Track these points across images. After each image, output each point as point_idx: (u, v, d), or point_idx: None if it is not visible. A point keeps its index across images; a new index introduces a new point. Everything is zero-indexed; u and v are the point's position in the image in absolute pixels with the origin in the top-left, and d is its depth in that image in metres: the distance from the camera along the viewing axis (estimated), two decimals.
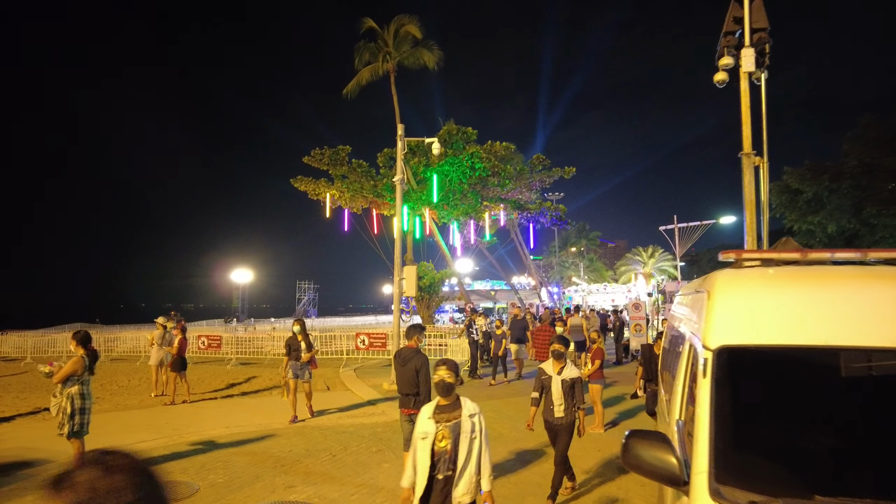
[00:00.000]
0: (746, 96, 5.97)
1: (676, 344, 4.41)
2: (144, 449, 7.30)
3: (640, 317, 17.47)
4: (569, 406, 5.61)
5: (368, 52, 26.38)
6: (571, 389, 5.59)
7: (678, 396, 3.18)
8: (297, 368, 9.35)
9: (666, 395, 4.20)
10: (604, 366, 9.21)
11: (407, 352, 5.98)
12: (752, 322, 2.54)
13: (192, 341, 19.30)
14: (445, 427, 3.71)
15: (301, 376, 9.38)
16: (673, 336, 4.88)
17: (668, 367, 4.79)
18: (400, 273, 12.59)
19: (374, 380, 13.62)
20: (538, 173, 25.43)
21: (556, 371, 5.66)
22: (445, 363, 3.85)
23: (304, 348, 9.41)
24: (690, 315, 3.74)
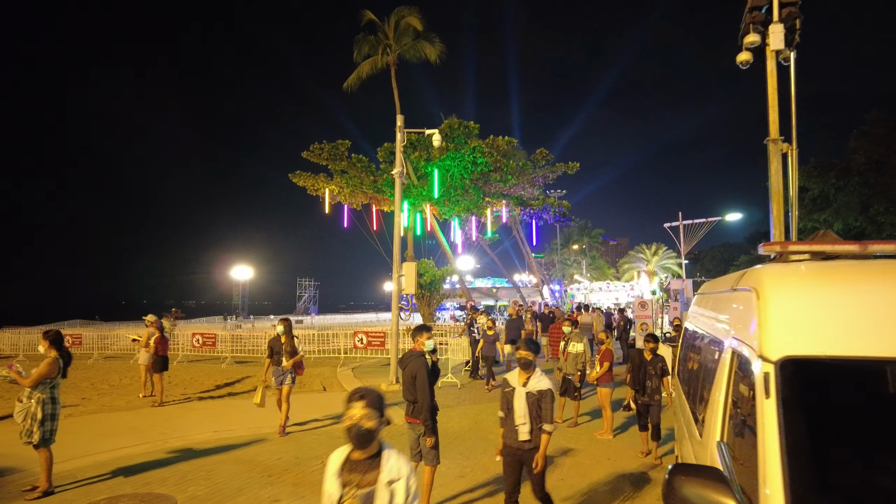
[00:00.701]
0: (773, 77, 5.49)
1: (703, 350, 3.93)
2: (124, 456, 6.87)
3: (647, 315, 16.99)
4: (535, 427, 4.57)
5: (368, 44, 25.85)
6: (537, 405, 4.55)
7: (717, 414, 2.71)
8: (279, 374, 8.35)
9: (694, 409, 3.72)
10: (612, 368, 8.71)
11: (409, 355, 5.53)
12: (821, 327, 2.07)
13: (187, 339, 18.91)
14: (355, 497, 2.45)
15: (283, 382, 8.33)
16: (696, 341, 4.39)
17: (691, 378, 4.30)
18: (399, 270, 12.12)
19: (372, 380, 13.17)
20: (541, 168, 24.92)
21: (522, 382, 4.64)
22: (363, 396, 2.48)
23: (285, 352, 8.30)
24: (725, 317, 3.26)
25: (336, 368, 15.33)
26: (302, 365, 8.70)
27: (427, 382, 5.24)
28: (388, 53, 25.80)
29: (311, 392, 12.04)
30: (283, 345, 8.32)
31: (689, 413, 4.03)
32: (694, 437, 3.42)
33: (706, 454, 2.81)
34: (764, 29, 5.79)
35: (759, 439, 1.86)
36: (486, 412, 9.77)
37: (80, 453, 6.91)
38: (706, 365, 3.54)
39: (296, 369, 8.49)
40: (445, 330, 21.74)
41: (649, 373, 7.30)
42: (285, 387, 8.27)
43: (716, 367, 3.04)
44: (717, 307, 3.78)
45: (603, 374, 8.43)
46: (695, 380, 4.02)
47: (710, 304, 4.11)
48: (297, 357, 8.38)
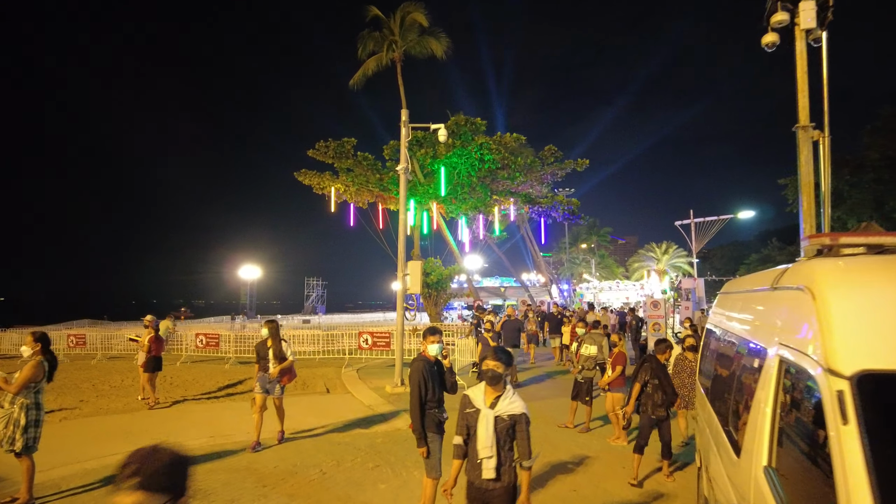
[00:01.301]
0: (803, 59, 5.09)
1: (734, 356, 3.52)
2: (114, 463, 6.53)
3: (659, 315, 16.54)
4: (505, 460, 3.57)
5: (373, 41, 25.51)
6: (510, 434, 3.58)
7: (761, 433, 2.32)
8: (266, 382, 7.54)
9: (725, 424, 3.32)
10: (625, 371, 8.29)
11: (415, 358, 5.21)
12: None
13: (190, 339, 18.68)
14: None
15: (271, 391, 7.55)
16: (723, 345, 3.98)
17: (719, 387, 3.88)
18: (404, 268, 11.77)
19: (376, 382, 12.82)
20: (550, 166, 24.48)
21: (489, 402, 3.61)
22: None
23: (272, 357, 7.49)
24: (765, 320, 2.87)
25: (340, 369, 15.00)
26: (292, 371, 7.84)
27: (417, 388, 4.89)
28: (393, 50, 25.46)
29: (314, 394, 11.72)
30: (269, 349, 7.52)
31: (716, 426, 3.63)
32: (727, 457, 3.03)
33: (747, 479, 2.43)
34: (793, 7, 5.38)
35: (837, 476, 1.48)
36: None
37: (68, 460, 6.61)
38: (740, 374, 3.15)
39: (283, 377, 7.65)
40: (453, 330, 21.38)
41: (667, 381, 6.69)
42: (275, 399, 7.58)
43: (755, 378, 2.65)
44: (751, 308, 3.39)
45: (615, 378, 8.01)
46: (724, 389, 3.62)
47: (742, 305, 3.71)
48: (286, 363, 7.55)
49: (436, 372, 5.02)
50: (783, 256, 52.02)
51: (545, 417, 9.37)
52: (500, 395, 3.66)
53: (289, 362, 7.61)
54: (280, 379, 7.59)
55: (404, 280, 11.58)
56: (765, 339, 2.64)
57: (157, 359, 10.74)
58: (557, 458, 7.08)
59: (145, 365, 10.57)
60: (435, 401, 4.92)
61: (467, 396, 3.78)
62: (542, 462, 6.91)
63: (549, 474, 6.48)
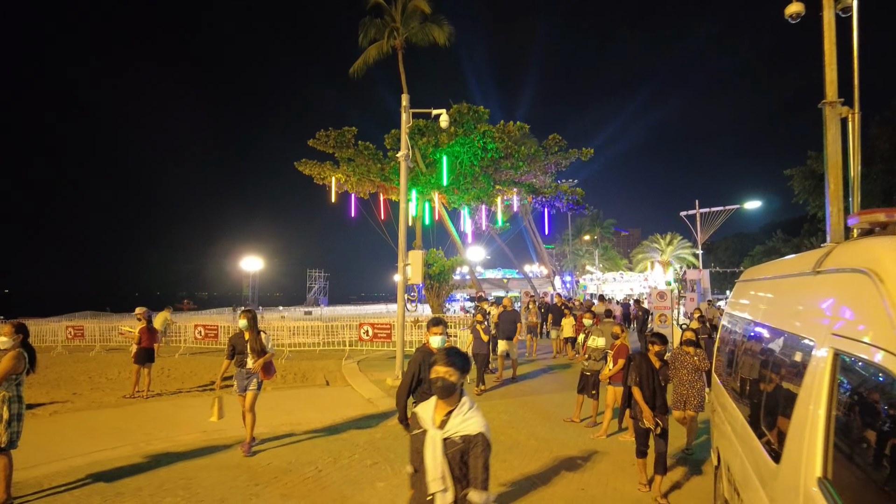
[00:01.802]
0: (831, 29, 4.72)
1: (765, 350, 3.20)
2: (101, 460, 6.28)
3: (666, 307, 16.21)
4: (457, 489, 2.70)
5: (374, 28, 25.04)
6: (461, 459, 2.69)
7: (812, 439, 2.00)
8: (243, 378, 6.76)
9: (755, 425, 3.00)
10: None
11: (417, 349, 4.95)
12: None
13: (189, 331, 18.47)
14: None
15: (247, 388, 6.76)
16: (749, 338, 3.65)
17: (746, 385, 3.56)
18: (405, 259, 11.45)
19: (377, 374, 12.55)
20: (554, 155, 24.03)
21: (438, 421, 2.79)
22: None
23: (250, 351, 6.71)
24: (810, 308, 2.54)
25: (341, 361, 14.74)
26: (271, 367, 7.04)
27: (409, 377, 4.63)
28: (394, 37, 24.99)
29: (314, 387, 11.46)
30: (246, 342, 6.75)
31: (742, 425, 3.31)
32: (759, 463, 2.71)
33: (792, 491, 2.11)
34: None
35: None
36: (498, 410, 9.10)
37: (54, 457, 6.34)
38: (774, 370, 2.82)
39: (264, 372, 6.86)
40: (455, 321, 21.09)
41: (658, 385, 5.64)
42: (249, 394, 6.73)
43: (798, 375, 2.32)
44: (785, 296, 3.05)
45: (616, 371, 7.65)
46: (752, 387, 3.30)
47: (772, 293, 3.37)
48: (266, 357, 6.78)
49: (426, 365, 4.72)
50: (788, 248, 51.61)
51: (549, 411, 9.08)
52: (451, 410, 2.76)
53: (269, 356, 6.83)
54: (257, 375, 6.81)
55: (405, 270, 11.27)
56: (810, 331, 2.31)
57: (148, 350, 10.52)
58: (564, 454, 6.80)
59: (136, 356, 10.38)
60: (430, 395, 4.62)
61: (416, 415, 2.93)
62: (549, 458, 6.63)
63: (555, 471, 6.20)
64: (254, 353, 6.70)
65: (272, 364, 7.04)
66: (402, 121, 11.39)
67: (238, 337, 6.84)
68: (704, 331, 11.39)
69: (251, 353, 6.70)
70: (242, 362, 6.73)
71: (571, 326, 15.11)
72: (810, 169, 32.11)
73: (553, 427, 8.13)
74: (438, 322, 4.87)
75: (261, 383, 6.88)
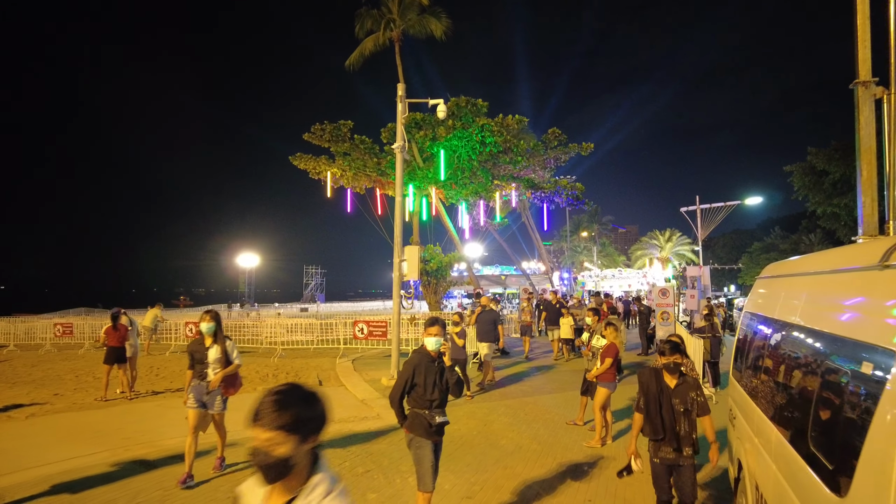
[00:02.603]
0: (865, 2, 4.35)
1: (808, 361, 2.80)
2: (75, 468, 5.87)
3: (668, 304, 15.82)
4: None
5: (371, 19, 24.55)
6: None
7: (884, 474, 1.61)
8: (202, 393, 5.65)
9: (804, 450, 2.59)
10: (617, 364, 7.32)
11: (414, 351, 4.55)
12: None
13: (180, 329, 18.05)
14: None
15: (209, 405, 5.68)
16: (787, 347, 3.23)
17: (782, 399, 3.15)
18: (401, 254, 11.04)
19: (372, 373, 12.16)
20: (553, 150, 23.62)
21: None
22: None
23: (211, 361, 5.64)
24: (876, 311, 2.14)
25: (335, 359, 14.35)
26: (237, 380, 5.91)
27: (402, 382, 4.26)
28: (391, 29, 24.51)
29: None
30: (207, 350, 5.67)
31: (779, 443, 2.91)
32: (814, 494, 2.30)
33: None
34: None
35: None
36: (498, 412, 8.72)
37: (24, 464, 5.92)
38: (829, 382, 2.42)
39: (228, 387, 5.79)
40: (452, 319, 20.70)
41: (676, 410, 4.13)
42: (215, 415, 5.77)
43: (868, 390, 1.93)
44: (835, 294, 2.65)
45: (604, 371, 7.23)
46: (792, 400, 2.89)
47: (815, 291, 2.96)
48: (231, 369, 5.72)
49: (435, 368, 4.31)
50: (786, 245, 51.43)
51: (552, 413, 8.70)
52: (292, 498, 1.58)
53: (234, 367, 5.76)
54: (219, 390, 5.73)
55: (401, 266, 10.87)
56: (880, 337, 1.91)
57: (117, 350, 10.02)
58: (569, 460, 6.42)
59: (105, 356, 9.96)
60: (427, 401, 4.22)
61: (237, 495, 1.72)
62: (553, 463, 6.24)
63: (560, 478, 5.81)
64: (216, 362, 5.65)
65: (237, 376, 5.89)
66: (398, 111, 10.96)
67: (198, 343, 5.75)
68: (710, 328, 11.04)
69: (213, 362, 5.64)
70: (202, 373, 5.66)
71: (570, 327, 14.36)
72: (810, 164, 31.86)
73: (556, 430, 7.75)
74: (434, 322, 4.46)
75: (225, 401, 5.82)
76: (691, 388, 4.19)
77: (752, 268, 53.93)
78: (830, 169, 30.33)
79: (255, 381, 11.71)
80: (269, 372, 12.73)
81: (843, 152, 29.85)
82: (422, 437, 4.20)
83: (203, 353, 5.67)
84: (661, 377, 4.25)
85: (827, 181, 31.10)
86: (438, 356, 4.33)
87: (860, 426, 1.90)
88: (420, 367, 4.27)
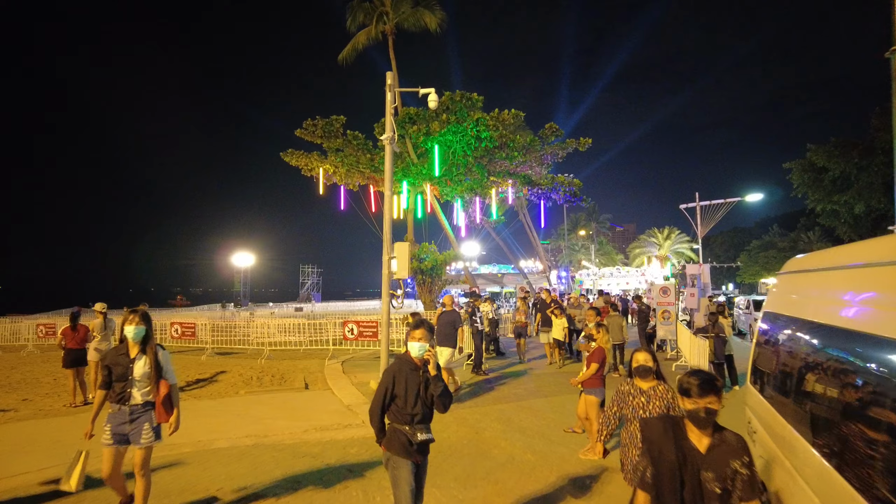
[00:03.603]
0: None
1: (862, 371, 2.29)
2: (18, 486, 5.32)
3: (669, 302, 15.34)
4: None
5: (363, 12, 24.03)
6: None
7: None
8: (123, 421, 4.23)
9: (867, 474, 2.07)
10: (604, 370, 6.84)
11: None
12: None
13: (166, 328, 17.50)
14: None
15: (134, 439, 4.26)
16: (840, 362, 2.69)
17: (823, 414, 2.63)
18: (390, 251, 10.50)
19: (361, 376, 11.64)
20: (550, 145, 23.11)
21: None
22: None
23: (138, 377, 4.26)
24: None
25: (324, 361, 13.81)
26: (172, 401, 4.40)
27: (381, 396, 3.71)
28: (384, 22, 23.99)
29: (291, 390, 10.52)
30: (132, 363, 4.27)
31: (819, 466, 2.40)
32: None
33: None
34: None
35: None
36: (490, 418, 8.20)
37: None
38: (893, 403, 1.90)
39: (161, 411, 4.32)
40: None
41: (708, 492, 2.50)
42: (139, 451, 4.26)
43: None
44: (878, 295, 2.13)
45: (590, 377, 6.67)
46: (836, 415, 2.37)
47: (873, 288, 2.44)
48: (163, 392, 4.32)
49: (418, 378, 3.75)
50: (785, 242, 51.13)
51: (547, 420, 8.18)
52: None
53: (167, 388, 4.35)
54: (150, 416, 4.29)
55: (390, 264, 10.33)
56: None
57: (75, 352, 9.38)
58: (567, 472, 5.89)
59: (63, 360, 9.37)
60: (407, 415, 3.69)
61: None
62: (550, 477, 5.72)
63: (559, 495, 5.29)
64: (143, 380, 4.28)
65: (171, 397, 4.40)
66: (387, 100, 10.42)
67: (117, 355, 4.32)
68: (714, 328, 10.55)
69: (140, 379, 4.26)
70: (124, 395, 4.23)
71: (563, 329, 13.45)
72: (810, 161, 31.43)
73: (552, 438, 7.23)
74: (420, 324, 3.83)
75: (158, 429, 4.35)
76: (733, 452, 2.51)
77: (751, 266, 53.59)
78: (830, 166, 29.97)
79: (239, 384, 11.17)
80: (253, 374, 12.19)
81: (843, 149, 29.50)
82: (399, 457, 3.66)
83: (126, 366, 4.25)
84: (684, 435, 2.60)
85: (826, 178, 30.73)
86: (423, 364, 3.80)
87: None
88: (400, 376, 3.73)
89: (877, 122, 27.52)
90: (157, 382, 4.31)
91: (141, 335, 4.33)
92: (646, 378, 4.20)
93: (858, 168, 28.65)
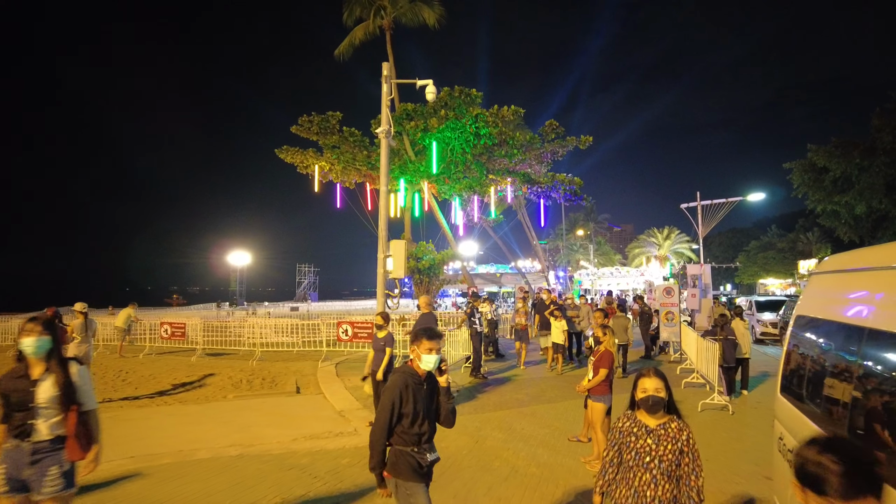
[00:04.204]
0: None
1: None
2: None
3: (673, 303, 14.93)
4: None
5: (360, 6, 23.57)
6: None
7: None
8: (24, 462, 3.17)
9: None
10: (612, 375, 6.28)
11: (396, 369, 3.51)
12: None
13: (156, 329, 17.05)
14: None
15: (35, 486, 3.18)
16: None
17: (872, 429, 2.22)
18: (385, 249, 10.09)
19: (355, 379, 11.19)
20: (550, 143, 22.69)
21: None
22: None
23: (43, 402, 3.19)
24: None
25: (318, 363, 13.38)
26: (92, 433, 3.38)
27: (388, 413, 3.21)
28: (382, 16, 23.55)
29: (281, 395, 10.09)
30: (36, 386, 3.22)
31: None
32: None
33: None
34: None
35: None
36: (491, 426, 7.78)
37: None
38: None
39: (76, 446, 3.27)
40: (446, 319, 19.76)
41: None
42: (44, 502, 3.19)
43: None
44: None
45: (598, 383, 6.16)
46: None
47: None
48: (71, 422, 3.26)
49: (424, 392, 3.30)
50: (784, 243, 50.88)
51: (551, 428, 7.76)
52: None
53: (75, 415, 3.28)
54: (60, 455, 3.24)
55: (385, 262, 9.92)
56: None
57: None
58: (574, 486, 5.48)
59: None
60: (415, 435, 3.23)
61: None
62: (556, 493, 5.30)
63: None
64: (51, 405, 3.23)
65: (89, 425, 3.37)
66: (383, 91, 10.00)
67: (14, 378, 3.27)
68: (723, 331, 10.15)
69: (45, 405, 3.21)
70: (25, 428, 3.19)
71: (562, 332, 12.82)
72: (810, 162, 31.14)
73: (557, 448, 6.81)
74: (433, 335, 3.31)
75: (71, 473, 3.30)
76: None
77: (749, 266, 53.35)
78: (831, 166, 29.71)
79: (228, 387, 10.74)
80: (243, 377, 11.75)
81: (844, 149, 29.23)
82: (412, 482, 3.18)
83: (26, 391, 3.20)
84: None
85: (827, 179, 30.48)
86: (427, 374, 3.35)
87: None
88: (407, 393, 3.22)
89: (877, 122, 27.27)
90: (67, 409, 3.25)
91: (45, 349, 3.26)
92: (655, 413, 2.99)
93: (859, 168, 28.41)
